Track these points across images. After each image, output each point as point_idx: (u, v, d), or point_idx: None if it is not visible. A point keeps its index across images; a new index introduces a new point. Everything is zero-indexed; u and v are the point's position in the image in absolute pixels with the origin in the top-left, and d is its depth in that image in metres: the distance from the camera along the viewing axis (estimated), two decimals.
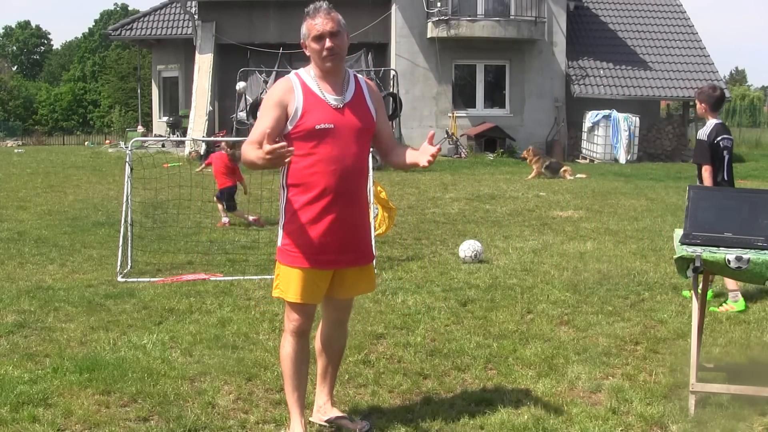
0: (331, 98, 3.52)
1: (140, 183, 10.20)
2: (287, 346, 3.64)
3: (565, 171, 17.68)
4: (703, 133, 6.28)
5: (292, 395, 3.66)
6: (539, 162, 17.80)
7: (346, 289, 3.69)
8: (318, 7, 3.51)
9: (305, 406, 3.74)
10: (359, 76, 3.72)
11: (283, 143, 3.24)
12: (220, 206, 10.56)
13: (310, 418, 3.86)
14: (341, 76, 3.59)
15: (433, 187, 15.05)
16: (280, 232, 3.61)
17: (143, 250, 8.29)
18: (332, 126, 3.48)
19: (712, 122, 6.30)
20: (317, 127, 3.46)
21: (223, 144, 11.33)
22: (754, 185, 15.70)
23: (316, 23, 3.48)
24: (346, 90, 3.58)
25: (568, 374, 4.54)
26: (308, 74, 3.58)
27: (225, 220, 10.44)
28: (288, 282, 3.55)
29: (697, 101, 6.49)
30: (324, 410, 3.85)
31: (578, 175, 17.68)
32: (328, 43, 3.47)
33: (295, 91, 3.50)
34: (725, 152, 6.24)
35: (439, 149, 3.49)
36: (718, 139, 6.23)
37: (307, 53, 3.56)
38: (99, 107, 58.52)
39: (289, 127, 3.48)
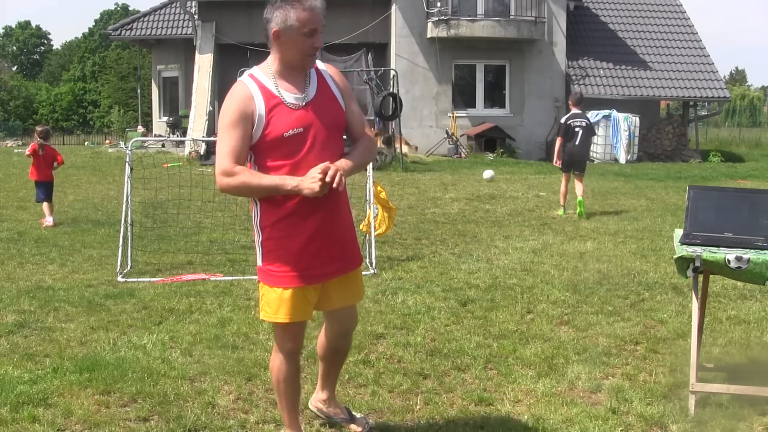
0: (292, 98, 3.20)
1: (140, 183, 10.20)
2: (282, 367, 3.41)
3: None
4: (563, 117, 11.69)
5: (291, 413, 3.51)
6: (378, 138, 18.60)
7: (342, 298, 3.45)
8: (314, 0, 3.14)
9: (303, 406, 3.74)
10: (319, 63, 3.34)
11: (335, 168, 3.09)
12: (47, 206, 10.59)
13: (309, 403, 3.85)
14: (305, 71, 3.26)
15: (433, 187, 15.05)
16: (259, 251, 3.31)
17: (143, 250, 8.29)
18: (302, 130, 3.17)
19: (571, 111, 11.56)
20: (286, 134, 3.15)
21: (38, 131, 11.36)
22: (754, 185, 15.70)
23: (313, 17, 3.12)
24: (308, 86, 3.24)
25: (568, 374, 4.54)
26: (264, 73, 3.23)
27: (50, 220, 10.43)
28: (278, 304, 3.27)
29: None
30: (328, 404, 3.79)
31: (405, 151, 18.24)
32: (317, 41, 3.16)
33: (254, 98, 3.16)
34: (576, 128, 11.37)
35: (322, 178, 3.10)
36: (568, 120, 11.48)
37: (279, 46, 3.17)
38: (99, 107, 58.54)
39: (255, 138, 3.16)
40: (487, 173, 15.46)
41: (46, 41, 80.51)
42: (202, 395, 4.17)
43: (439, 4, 22.15)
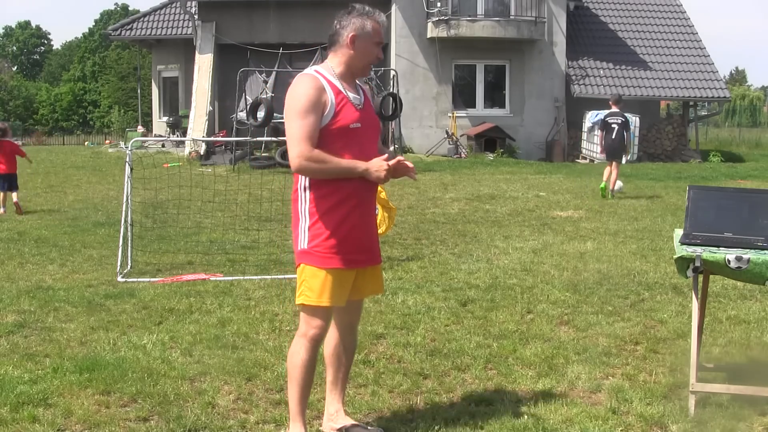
0: (353, 97, 3.52)
1: (140, 183, 10.20)
2: (303, 353, 3.50)
3: None
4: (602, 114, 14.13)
5: (300, 403, 3.55)
6: None
7: (361, 289, 3.63)
8: (382, 16, 3.56)
9: (307, 408, 3.72)
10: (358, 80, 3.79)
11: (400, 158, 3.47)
12: (2, 196, 11.58)
13: (320, 428, 3.79)
14: (361, 78, 3.67)
15: (433, 187, 15.05)
16: (305, 235, 3.49)
17: (143, 250, 8.28)
18: (360, 125, 3.48)
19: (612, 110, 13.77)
20: (351, 126, 3.45)
21: None
22: (754, 185, 15.70)
23: (382, 30, 3.53)
24: (359, 93, 3.60)
25: (568, 374, 4.54)
26: (328, 72, 3.51)
27: (2, 210, 11.45)
28: (321, 285, 3.44)
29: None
30: (336, 418, 3.74)
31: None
32: (381, 53, 3.56)
33: (326, 89, 3.44)
34: (613, 125, 13.57)
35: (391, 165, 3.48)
36: (606, 117, 13.76)
37: (352, 50, 3.47)
38: (99, 107, 58.57)
39: (322, 125, 3.41)
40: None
41: (46, 41, 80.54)
42: (202, 395, 4.18)
43: (439, 4, 22.14)
